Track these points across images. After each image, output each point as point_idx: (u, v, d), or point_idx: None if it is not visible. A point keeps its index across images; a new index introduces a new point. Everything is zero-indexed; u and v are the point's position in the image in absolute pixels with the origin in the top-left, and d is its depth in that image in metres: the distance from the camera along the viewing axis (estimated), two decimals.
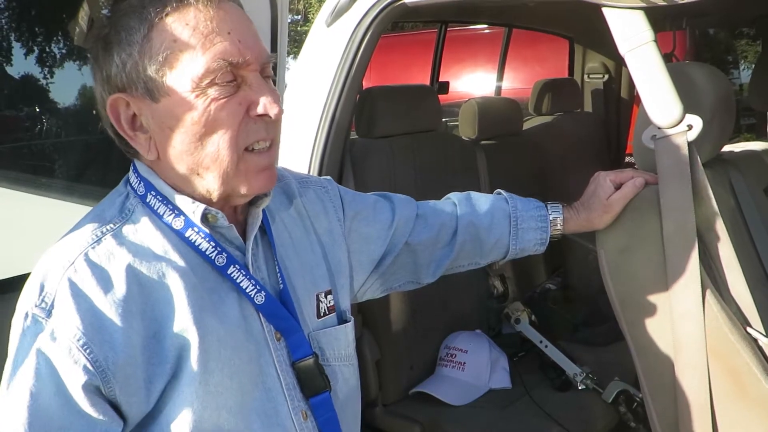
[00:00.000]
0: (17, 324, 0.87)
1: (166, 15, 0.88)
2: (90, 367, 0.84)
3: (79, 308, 0.85)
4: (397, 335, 2.12)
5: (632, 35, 1.26)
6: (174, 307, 0.90)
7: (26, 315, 0.86)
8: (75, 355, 0.83)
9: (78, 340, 0.84)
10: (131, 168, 1.00)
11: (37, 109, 1.73)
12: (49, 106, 1.71)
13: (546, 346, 2.18)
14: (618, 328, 1.37)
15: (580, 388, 2.07)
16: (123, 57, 0.89)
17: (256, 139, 0.93)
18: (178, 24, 0.88)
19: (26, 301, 0.87)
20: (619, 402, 1.97)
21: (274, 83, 1.43)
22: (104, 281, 0.87)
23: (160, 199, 0.95)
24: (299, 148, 1.89)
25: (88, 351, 0.84)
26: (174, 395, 0.90)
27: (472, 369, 2.12)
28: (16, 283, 0.99)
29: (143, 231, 0.94)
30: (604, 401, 2.00)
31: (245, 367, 0.95)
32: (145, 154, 0.94)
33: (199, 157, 0.91)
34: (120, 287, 0.88)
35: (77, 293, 0.85)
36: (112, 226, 0.92)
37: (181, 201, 0.95)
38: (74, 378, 0.84)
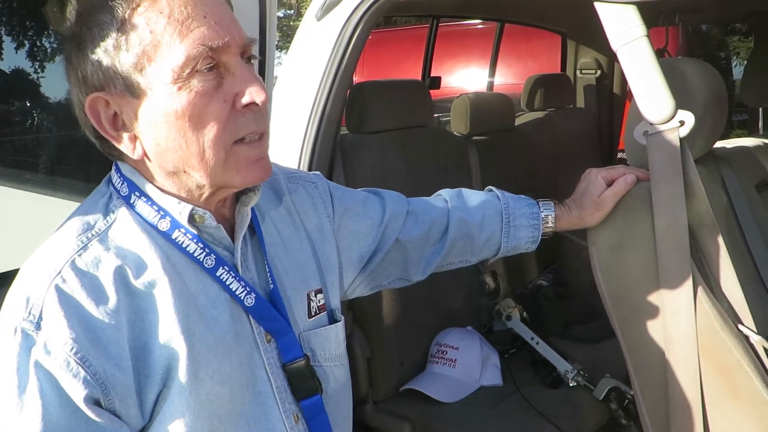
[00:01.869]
0: (7, 340, 0.83)
1: (138, 5, 0.85)
2: (90, 380, 0.82)
3: (70, 320, 0.82)
4: (388, 332, 2.11)
5: (624, 30, 1.25)
6: (162, 317, 0.88)
7: (15, 330, 0.82)
8: (74, 368, 0.81)
9: (75, 354, 0.81)
10: (113, 167, 0.96)
11: (28, 104, 1.71)
12: (41, 100, 1.70)
13: (537, 343, 2.18)
14: (609, 325, 1.36)
15: (571, 385, 2.06)
16: (98, 54, 0.86)
17: (247, 132, 0.90)
18: (152, 13, 0.85)
19: (13, 316, 0.83)
20: (610, 399, 1.97)
21: (261, 66, 1.41)
22: (94, 291, 0.84)
23: (145, 200, 0.92)
24: (289, 143, 1.88)
25: (87, 364, 0.81)
26: (164, 407, 0.87)
27: (463, 366, 2.11)
28: (2, 279, 0.97)
29: (129, 235, 0.91)
30: (595, 398, 1.99)
31: (235, 372, 0.93)
32: (130, 154, 0.91)
33: (184, 155, 0.88)
34: (110, 297, 0.85)
35: (67, 304, 0.83)
36: (97, 230, 0.89)
37: (167, 201, 0.92)
38: (75, 391, 0.81)
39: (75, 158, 1.80)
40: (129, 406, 0.85)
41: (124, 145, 0.90)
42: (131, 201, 0.93)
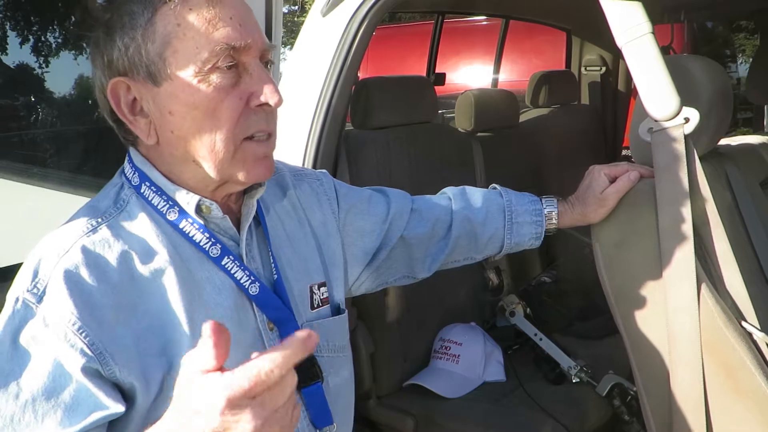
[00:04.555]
0: (7, 308, 0.87)
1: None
2: (87, 351, 0.84)
3: (72, 294, 0.85)
4: (392, 327, 2.11)
5: (630, 26, 1.25)
6: (166, 301, 0.91)
7: (17, 299, 0.86)
8: (71, 339, 0.83)
9: (73, 325, 0.84)
10: (126, 158, 1.00)
11: (33, 99, 1.72)
12: (45, 95, 1.70)
13: (540, 339, 2.18)
14: (612, 321, 1.37)
15: (574, 381, 2.06)
16: (126, 41, 0.90)
17: (257, 130, 0.94)
18: (182, 8, 0.89)
19: (18, 286, 0.87)
20: (613, 395, 1.97)
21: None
22: (99, 270, 0.88)
23: (155, 189, 0.96)
24: (294, 139, 1.88)
25: (83, 334, 0.84)
26: (170, 393, 0.89)
27: (467, 362, 2.12)
28: (8, 274, 0.98)
29: (137, 222, 0.94)
30: (598, 394, 1.99)
31: (239, 358, 0.95)
32: (144, 139, 0.94)
33: (196, 145, 0.92)
34: (114, 277, 0.88)
35: (71, 280, 0.86)
36: (107, 216, 0.93)
37: (176, 192, 0.96)
38: (73, 361, 0.84)
39: (80, 153, 1.81)
40: (133, 379, 0.87)
41: (140, 130, 0.94)
42: (141, 190, 0.96)
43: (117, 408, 0.86)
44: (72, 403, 0.84)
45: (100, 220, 0.92)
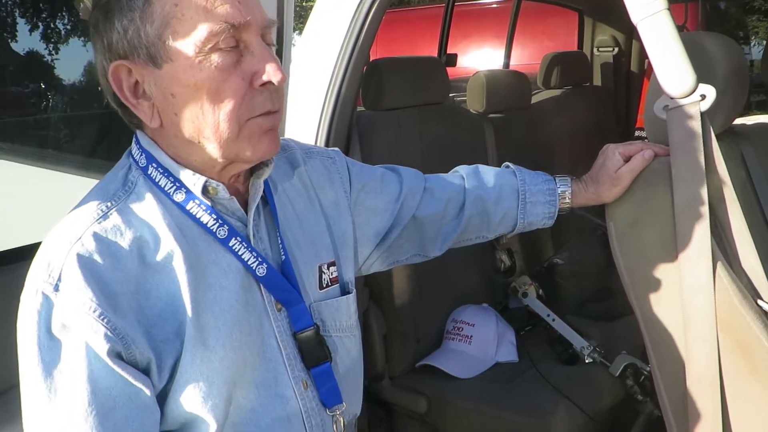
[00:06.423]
0: (28, 302, 0.86)
1: None
2: (110, 334, 0.84)
3: (88, 281, 0.85)
4: (404, 309, 2.12)
5: (645, 3, 1.24)
6: (176, 286, 0.91)
7: (36, 291, 0.86)
8: (94, 325, 0.84)
9: (94, 311, 0.84)
10: (134, 139, 0.99)
11: (43, 86, 1.73)
12: (54, 82, 1.71)
13: (553, 320, 2.18)
14: (625, 302, 1.36)
15: (587, 361, 2.07)
16: (124, 23, 0.89)
17: (262, 111, 0.92)
18: None
19: (35, 278, 0.87)
20: (626, 375, 1.96)
21: (278, 53, 1.43)
22: (112, 256, 0.87)
23: (162, 171, 0.95)
24: (306, 121, 1.88)
25: (105, 320, 0.84)
26: (180, 373, 0.90)
27: (479, 342, 2.12)
28: (23, 253, 1.00)
29: (146, 205, 0.94)
30: (611, 375, 1.99)
31: (247, 339, 0.96)
32: (148, 122, 0.93)
33: (200, 125, 0.91)
34: (127, 265, 0.88)
35: (86, 266, 0.85)
36: (116, 200, 0.93)
37: (182, 173, 0.95)
38: (100, 346, 0.84)
39: (88, 137, 1.82)
40: (149, 361, 0.88)
41: (143, 113, 0.93)
42: (149, 172, 0.96)
43: (148, 384, 0.87)
44: (113, 383, 0.85)
45: (110, 204, 0.92)
